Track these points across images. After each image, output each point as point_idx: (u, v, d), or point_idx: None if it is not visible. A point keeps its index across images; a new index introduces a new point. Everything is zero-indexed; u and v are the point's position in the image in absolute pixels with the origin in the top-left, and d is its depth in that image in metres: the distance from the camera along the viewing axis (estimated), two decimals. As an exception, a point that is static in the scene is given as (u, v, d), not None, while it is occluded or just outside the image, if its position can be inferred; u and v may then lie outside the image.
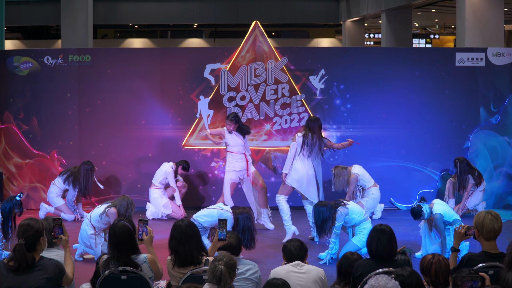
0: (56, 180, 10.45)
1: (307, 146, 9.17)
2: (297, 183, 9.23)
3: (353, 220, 8.10)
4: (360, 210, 8.21)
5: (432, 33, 31.99)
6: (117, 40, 31.16)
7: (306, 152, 9.21)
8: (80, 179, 10.26)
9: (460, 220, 8.17)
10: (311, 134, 9.18)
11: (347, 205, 8.10)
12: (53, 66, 11.15)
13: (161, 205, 10.55)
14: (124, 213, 7.89)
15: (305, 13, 24.93)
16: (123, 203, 7.94)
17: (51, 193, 10.44)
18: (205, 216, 8.09)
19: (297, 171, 9.24)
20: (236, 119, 9.77)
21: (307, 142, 9.17)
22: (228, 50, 11.36)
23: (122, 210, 7.91)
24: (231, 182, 9.81)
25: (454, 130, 11.30)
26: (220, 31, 30.86)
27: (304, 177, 9.21)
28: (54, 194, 10.42)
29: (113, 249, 5.29)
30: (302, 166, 9.24)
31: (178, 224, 5.44)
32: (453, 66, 11.27)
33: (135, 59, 11.39)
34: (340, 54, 11.69)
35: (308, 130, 9.22)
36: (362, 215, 8.14)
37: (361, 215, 8.13)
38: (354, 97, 11.29)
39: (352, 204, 8.24)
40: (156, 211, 10.59)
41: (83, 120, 11.24)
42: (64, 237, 5.51)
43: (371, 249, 5.35)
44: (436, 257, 4.90)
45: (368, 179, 10.25)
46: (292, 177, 9.25)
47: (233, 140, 9.77)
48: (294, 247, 5.49)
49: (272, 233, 9.62)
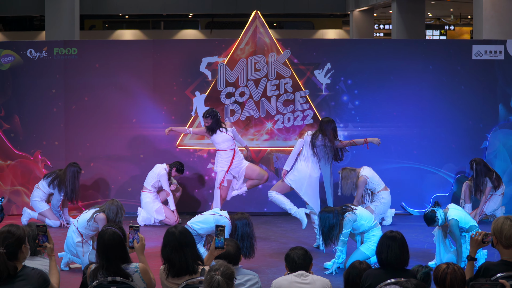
0: (40, 184, 10.45)
1: (315, 147, 9.17)
2: (296, 184, 9.24)
3: (362, 227, 8.11)
4: (369, 216, 8.21)
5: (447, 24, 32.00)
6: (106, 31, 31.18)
7: (312, 153, 9.21)
8: (66, 182, 10.26)
9: (477, 226, 8.18)
10: (322, 135, 9.17)
11: (355, 210, 8.10)
12: (37, 60, 11.16)
13: (153, 210, 10.56)
14: (114, 218, 7.89)
15: (310, 2, 24.95)
16: (112, 208, 7.95)
17: (35, 198, 10.44)
18: (201, 223, 8.09)
19: (299, 171, 9.25)
20: (212, 114, 9.81)
21: (315, 143, 9.17)
22: (226, 42, 11.37)
23: (111, 215, 7.92)
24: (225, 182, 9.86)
25: (470, 129, 11.31)
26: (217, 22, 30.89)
27: (305, 179, 9.21)
28: (37, 198, 10.42)
29: (101, 258, 5.29)
30: (306, 167, 9.24)
31: (171, 231, 5.44)
32: (470, 59, 11.28)
33: (126, 52, 11.40)
34: (347, 47, 11.70)
35: (319, 131, 9.22)
36: (371, 221, 8.14)
37: (370, 221, 8.13)
38: (362, 94, 11.30)
39: (361, 209, 8.25)
40: (148, 217, 10.60)
41: (69, 118, 11.25)
42: (49, 245, 5.51)
43: (381, 258, 5.35)
44: (451, 266, 4.90)
45: (378, 182, 10.25)
46: (292, 176, 9.28)
47: (219, 137, 9.83)
48: (298, 256, 5.49)
49: (274, 240, 9.63)
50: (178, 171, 10.69)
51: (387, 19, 30.35)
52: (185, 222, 8.42)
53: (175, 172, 10.66)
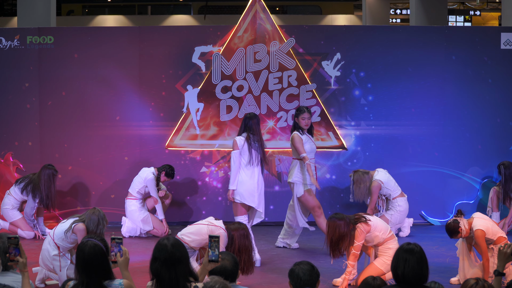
0: (12, 190, 10.47)
1: (254, 150, 9.10)
2: (248, 197, 9.07)
3: (376, 239, 8.13)
4: (384, 227, 8.22)
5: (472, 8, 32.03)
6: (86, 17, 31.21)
7: (253, 158, 9.11)
8: (40, 187, 10.27)
9: (506, 237, 8.21)
10: (252, 135, 9.08)
11: (369, 221, 8.11)
12: (8, 49, 11.19)
13: (139, 219, 10.57)
14: (95, 229, 7.91)
15: (317, -17, 25.00)
16: (93, 218, 7.97)
17: (6, 205, 10.46)
18: (193, 234, 8.08)
19: (244, 183, 9.06)
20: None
21: (253, 145, 9.07)
22: (222, 29, 11.39)
23: (92, 226, 7.94)
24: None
25: (498, 128, 11.35)
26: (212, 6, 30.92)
27: (254, 189, 9.07)
28: (9, 206, 10.44)
29: (81, 274, 5.31)
30: (251, 176, 9.09)
31: (163, 243, 5.45)
32: (498, 49, 11.33)
33: (108, 41, 11.42)
34: (359, 34, 11.71)
35: (247, 130, 9.06)
36: (386, 233, 8.16)
37: (385, 232, 8.15)
38: (376, 88, 11.33)
39: (375, 219, 8.26)
40: (133, 227, 10.62)
41: (45, 115, 11.28)
42: (21, 259, 5.53)
43: (397, 273, 5.37)
44: (480, 282, 4.93)
45: (394, 187, 10.27)
46: (240, 192, 9.07)
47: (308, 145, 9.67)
48: (303, 272, 5.50)
49: (275, 254, 9.65)
50: (168, 175, 10.70)
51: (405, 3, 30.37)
52: (175, 233, 8.44)
53: (164, 176, 10.67)
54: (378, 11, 24.49)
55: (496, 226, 8.33)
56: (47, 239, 8.22)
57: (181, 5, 31.70)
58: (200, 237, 8.02)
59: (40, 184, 10.28)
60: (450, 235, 8.22)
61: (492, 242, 8.09)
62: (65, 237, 8.05)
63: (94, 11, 31.88)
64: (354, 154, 11.28)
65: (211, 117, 11.26)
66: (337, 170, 11.27)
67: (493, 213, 10.57)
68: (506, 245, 5.38)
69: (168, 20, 30.30)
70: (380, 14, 24.52)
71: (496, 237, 8.10)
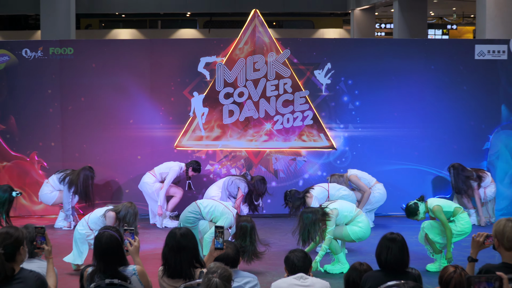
0: (51, 179, 10.49)
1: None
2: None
3: (345, 218, 8.26)
4: (350, 207, 8.40)
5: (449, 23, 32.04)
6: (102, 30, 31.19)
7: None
8: (78, 185, 10.26)
9: (462, 207, 8.46)
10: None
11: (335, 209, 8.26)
12: (32, 60, 11.19)
13: (148, 190, 10.64)
14: (128, 220, 8.00)
15: (310, 0, 24.97)
16: (129, 211, 8.05)
17: (44, 191, 10.49)
18: (208, 207, 8.32)
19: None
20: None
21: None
22: (225, 41, 11.40)
23: (127, 217, 8.02)
24: None
25: (472, 130, 11.35)
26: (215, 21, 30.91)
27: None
28: (48, 191, 10.46)
29: (98, 261, 5.32)
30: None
31: (174, 232, 5.48)
32: (472, 59, 11.32)
33: (122, 52, 11.43)
34: (348, 46, 11.73)
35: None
36: (353, 211, 8.31)
37: (352, 211, 8.32)
38: (363, 94, 11.34)
39: (339, 203, 8.41)
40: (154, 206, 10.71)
41: (66, 119, 11.29)
42: (47, 247, 5.53)
43: (380, 260, 5.38)
44: (458, 271, 4.93)
45: (369, 178, 10.47)
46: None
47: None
48: (298, 258, 5.51)
49: (273, 243, 9.66)
50: (195, 170, 10.78)
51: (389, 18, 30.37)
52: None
53: (192, 171, 10.74)
54: (364, 26, 24.48)
55: (449, 201, 8.62)
56: (80, 222, 8.28)
57: (188, 20, 31.69)
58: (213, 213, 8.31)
59: (78, 181, 10.27)
60: (408, 216, 8.53)
61: (451, 215, 8.21)
62: (98, 221, 8.12)
63: (110, 25, 31.86)
64: (342, 154, 11.31)
65: (215, 120, 11.27)
66: (327, 168, 11.29)
67: (469, 210, 10.59)
68: (479, 235, 5.39)
69: (177, 33, 30.29)
70: (367, 28, 24.51)
71: (453, 208, 8.27)
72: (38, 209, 11.26)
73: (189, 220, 8.44)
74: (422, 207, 8.40)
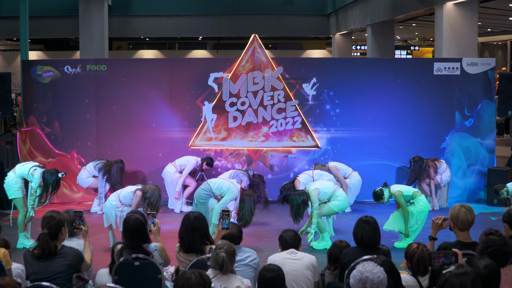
0: (88, 165, 10.50)
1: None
2: None
3: (326, 195, 8.30)
4: (328, 184, 8.44)
5: (412, 45, 32.02)
6: (130, 51, 31.15)
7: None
8: (111, 174, 10.24)
9: (419, 191, 8.46)
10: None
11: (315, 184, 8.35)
12: (73, 75, 11.17)
13: (170, 179, 10.59)
14: (152, 201, 8.00)
15: (299, 27, 24.95)
16: (155, 194, 8.05)
17: (82, 176, 10.51)
18: (217, 184, 8.48)
19: None
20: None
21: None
22: (230, 60, 11.38)
23: (152, 198, 8.02)
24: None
25: (432, 132, 11.33)
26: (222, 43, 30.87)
27: None
28: (84, 176, 10.49)
29: (127, 239, 5.32)
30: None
31: (188, 215, 5.51)
32: (431, 74, 11.30)
33: (146, 69, 11.40)
34: (330, 64, 11.71)
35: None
36: (331, 188, 8.34)
37: (330, 187, 8.35)
38: (342, 103, 11.32)
39: (320, 183, 8.47)
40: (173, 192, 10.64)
41: (100, 123, 11.26)
42: (84, 228, 5.54)
43: (356, 238, 5.37)
44: (420, 247, 4.92)
45: (346, 169, 10.46)
46: None
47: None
48: (289, 237, 5.53)
49: (269, 224, 9.65)
50: (208, 165, 10.78)
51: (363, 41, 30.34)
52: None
53: (205, 165, 10.73)
54: (343, 47, 24.46)
55: (409, 187, 8.60)
56: (113, 195, 8.28)
57: (200, 42, 31.64)
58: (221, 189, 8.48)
59: (112, 171, 10.25)
60: (375, 199, 8.57)
61: (410, 198, 8.21)
62: (128, 197, 8.12)
63: (136, 47, 31.80)
64: (325, 152, 11.28)
65: (222, 124, 11.24)
66: (313, 163, 11.22)
67: (430, 198, 10.55)
68: (438, 218, 5.38)
69: (191, 53, 30.24)
70: (345, 49, 24.49)
71: (411, 192, 8.28)
72: (77, 197, 11.24)
73: (202, 196, 8.51)
74: (386, 192, 8.40)
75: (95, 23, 19.09)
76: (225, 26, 24.73)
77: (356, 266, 3.72)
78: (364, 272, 3.61)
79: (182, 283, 3.63)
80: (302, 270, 5.24)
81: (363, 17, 19.90)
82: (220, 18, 24.55)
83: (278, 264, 4.72)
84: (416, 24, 23.00)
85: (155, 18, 24.38)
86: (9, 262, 5.15)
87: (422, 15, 17.96)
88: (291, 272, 5.16)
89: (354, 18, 20.93)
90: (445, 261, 4.30)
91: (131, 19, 24.17)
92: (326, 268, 5.62)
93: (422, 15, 17.96)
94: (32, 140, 11.16)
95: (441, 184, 10.68)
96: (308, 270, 5.27)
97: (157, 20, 24.42)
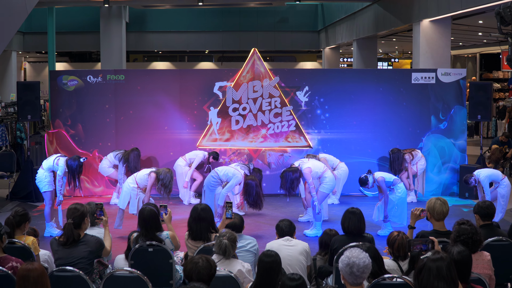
0: (109, 155, 10.43)
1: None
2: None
3: (316, 174, 8.27)
4: (320, 164, 8.44)
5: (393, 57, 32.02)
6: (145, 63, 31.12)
7: None
8: (129, 160, 10.16)
9: (399, 179, 8.50)
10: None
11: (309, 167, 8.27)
12: (94, 84, 11.15)
13: (180, 171, 10.52)
14: (165, 182, 7.99)
15: (293, 41, 24.99)
16: (168, 176, 8.05)
17: (103, 165, 10.43)
18: (223, 170, 8.52)
19: None
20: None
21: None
22: (233, 71, 11.36)
23: (165, 180, 8.02)
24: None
25: (410, 134, 11.31)
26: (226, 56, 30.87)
27: None
28: (105, 165, 10.41)
29: (142, 228, 5.31)
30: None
31: (196, 207, 5.50)
32: (410, 83, 11.28)
33: (159, 78, 11.38)
34: (320, 74, 11.69)
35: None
36: (322, 169, 8.34)
37: (321, 168, 8.33)
38: (331, 108, 11.29)
39: (312, 162, 8.45)
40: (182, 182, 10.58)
41: (119, 126, 11.24)
42: (104, 218, 5.52)
43: (344, 227, 5.36)
44: (400, 234, 4.92)
45: (334, 160, 10.38)
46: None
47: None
48: (285, 226, 5.52)
49: (267, 214, 9.62)
50: (214, 158, 10.74)
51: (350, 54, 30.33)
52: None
53: (211, 159, 10.69)
54: (332, 59, 24.45)
55: (390, 174, 8.59)
56: (131, 177, 8.25)
57: (207, 55, 31.64)
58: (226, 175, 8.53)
59: (129, 158, 10.15)
60: (360, 185, 8.54)
61: (391, 184, 8.19)
62: (143, 178, 8.10)
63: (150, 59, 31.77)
64: (316, 151, 11.23)
65: (225, 127, 11.22)
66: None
67: (410, 191, 10.49)
68: (416, 209, 5.36)
69: (198, 65, 30.21)
70: (334, 61, 24.48)
71: (392, 179, 8.27)
72: (98, 191, 11.21)
73: (211, 183, 8.56)
74: (370, 178, 8.36)
75: (114, 38, 19.07)
76: (228, 41, 24.76)
77: (344, 252, 3.70)
78: (351, 258, 3.60)
79: (190, 267, 3.66)
80: (297, 255, 5.22)
81: (350, 33, 19.89)
82: (225, 34, 24.58)
83: (275, 250, 4.71)
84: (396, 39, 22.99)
85: (167, 34, 24.40)
86: (37, 249, 5.13)
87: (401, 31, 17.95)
88: (286, 257, 5.14)
89: (341, 34, 20.92)
90: (423, 247, 4.29)
91: (146, 34, 24.18)
92: (318, 254, 5.60)
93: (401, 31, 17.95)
94: (58, 140, 11.13)
95: (418, 173, 10.63)
96: (302, 255, 5.25)
97: (169, 35, 24.44)
